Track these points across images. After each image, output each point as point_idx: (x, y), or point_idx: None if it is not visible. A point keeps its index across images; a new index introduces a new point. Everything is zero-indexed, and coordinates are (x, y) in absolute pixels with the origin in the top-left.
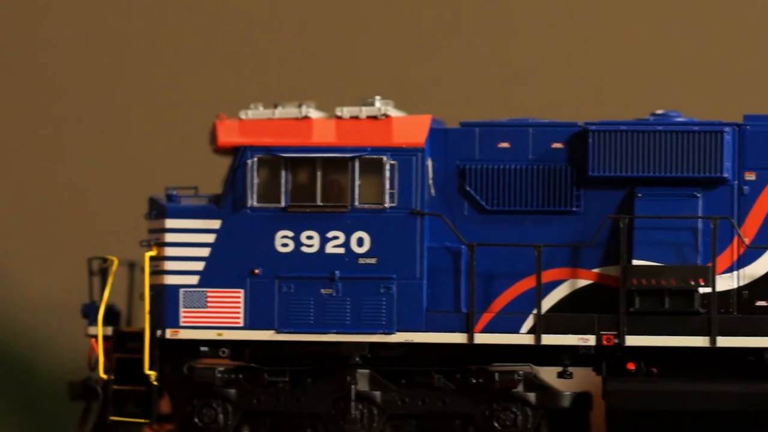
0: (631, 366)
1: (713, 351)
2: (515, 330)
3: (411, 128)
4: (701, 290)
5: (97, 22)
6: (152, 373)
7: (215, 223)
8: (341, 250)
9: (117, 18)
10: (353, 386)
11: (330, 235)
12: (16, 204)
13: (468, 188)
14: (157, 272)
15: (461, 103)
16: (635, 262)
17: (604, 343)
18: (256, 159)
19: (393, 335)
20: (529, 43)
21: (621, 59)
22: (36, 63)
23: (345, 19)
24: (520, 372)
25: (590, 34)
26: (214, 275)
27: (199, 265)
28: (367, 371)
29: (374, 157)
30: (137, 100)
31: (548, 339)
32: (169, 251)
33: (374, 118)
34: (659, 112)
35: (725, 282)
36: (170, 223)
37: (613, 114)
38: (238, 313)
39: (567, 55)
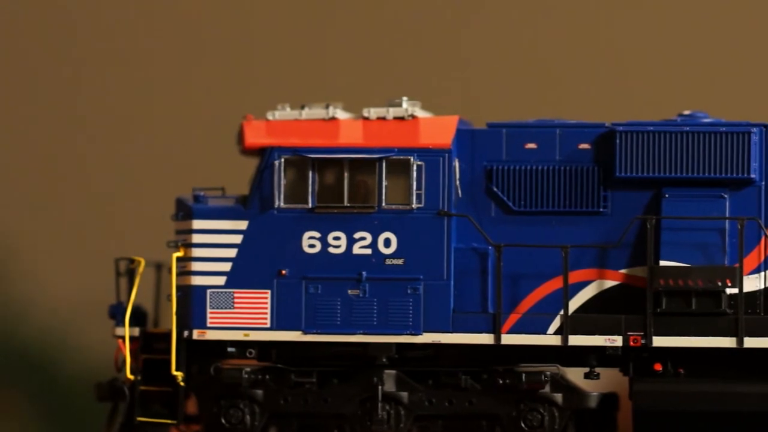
0: (658, 367)
1: (740, 352)
2: (542, 331)
3: (438, 129)
4: (728, 291)
5: (124, 22)
6: (179, 374)
7: (242, 224)
8: (368, 251)
9: (143, 18)
10: (380, 387)
11: (357, 235)
12: (43, 205)
13: (495, 189)
14: (184, 273)
15: (488, 104)
16: (662, 262)
17: (631, 343)
18: (283, 160)
19: (420, 336)
20: (556, 44)
21: (648, 59)
22: (63, 65)
23: (372, 20)
24: (547, 373)
25: (617, 34)
26: (241, 276)
27: (226, 266)
28: (394, 372)
29: (401, 157)
30: (164, 101)
31: (575, 340)
32: (196, 252)
33: (401, 119)
34: (686, 112)
35: (752, 283)
36: (197, 224)
37: (640, 115)
38: (265, 313)
39: (594, 55)
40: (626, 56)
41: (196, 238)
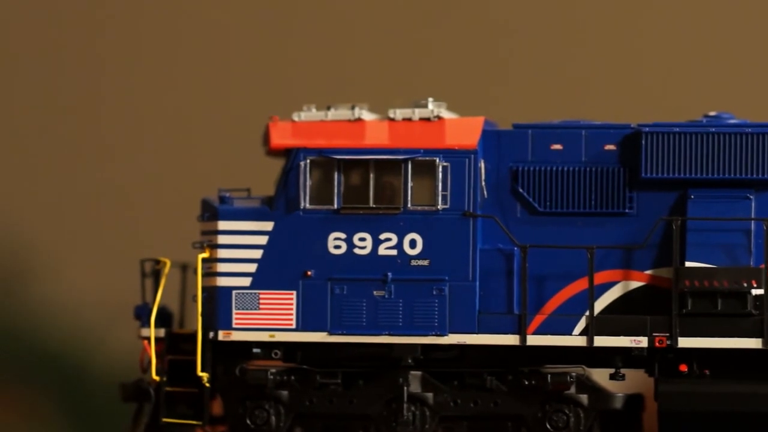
0: (683, 368)
1: (766, 353)
2: (568, 332)
3: (464, 130)
4: (754, 292)
5: (150, 24)
6: (204, 375)
7: (268, 225)
8: (394, 252)
9: (169, 20)
10: (405, 388)
11: (382, 236)
12: (69, 206)
13: (520, 190)
14: (210, 274)
15: (514, 105)
16: (688, 263)
17: (657, 344)
18: (308, 161)
19: (445, 337)
20: (582, 45)
21: (674, 61)
22: (86, 64)
23: (398, 20)
24: (573, 374)
25: (643, 36)
26: (267, 277)
27: (252, 267)
28: (419, 373)
29: (427, 159)
30: (190, 102)
31: (601, 341)
32: (222, 253)
33: (427, 119)
34: (712, 113)
35: None
36: (223, 225)
37: (666, 116)
38: (291, 314)
39: (620, 56)
40: (652, 57)
41: (222, 239)
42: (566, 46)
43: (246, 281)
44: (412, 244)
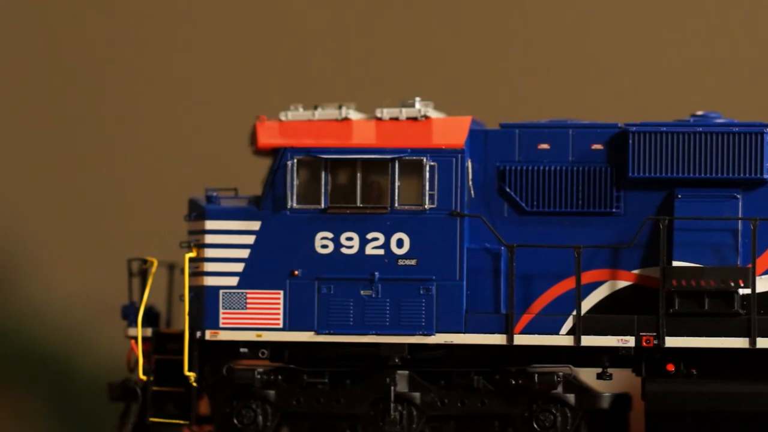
0: (670, 367)
1: (753, 352)
2: (555, 331)
3: (451, 129)
4: (741, 291)
5: (140, 23)
6: (192, 375)
7: (255, 225)
8: (381, 252)
9: (159, 20)
10: (392, 387)
11: (370, 236)
12: (56, 205)
13: (508, 189)
14: (197, 274)
15: (501, 105)
16: (675, 263)
17: (644, 344)
18: (296, 160)
19: (432, 336)
20: (569, 45)
21: (661, 60)
22: (79, 68)
23: (385, 19)
24: (560, 373)
25: (631, 35)
26: (254, 276)
27: (239, 267)
28: (406, 372)
29: (414, 158)
30: (178, 102)
31: (588, 340)
32: (209, 253)
33: (414, 119)
34: (699, 113)
35: (765, 283)
36: (210, 224)
37: (654, 115)
38: (278, 314)
39: (608, 56)
40: (639, 56)
41: (209, 239)
42: (554, 46)
43: (233, 281)
44: (399, 243)
